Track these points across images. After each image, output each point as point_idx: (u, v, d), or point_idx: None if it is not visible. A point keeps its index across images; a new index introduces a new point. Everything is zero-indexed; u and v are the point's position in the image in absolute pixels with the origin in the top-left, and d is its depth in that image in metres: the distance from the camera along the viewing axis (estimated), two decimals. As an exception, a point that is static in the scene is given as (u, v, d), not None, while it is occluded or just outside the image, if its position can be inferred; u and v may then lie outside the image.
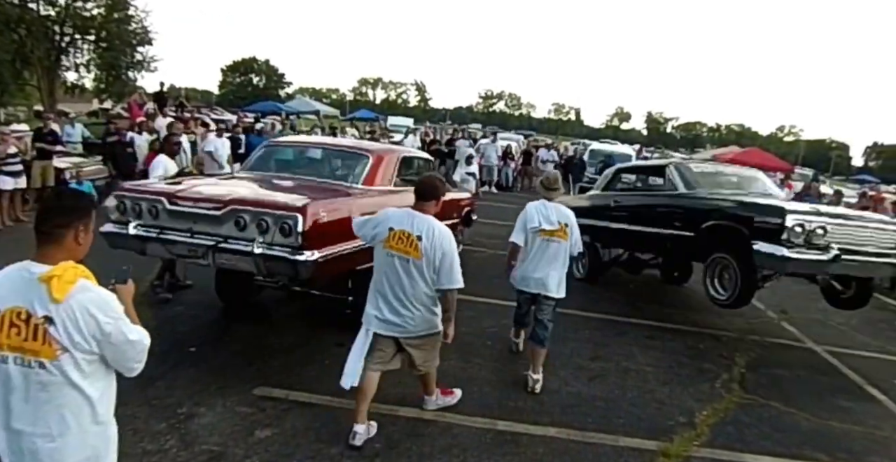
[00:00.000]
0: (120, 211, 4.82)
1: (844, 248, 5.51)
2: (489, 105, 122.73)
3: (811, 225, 5.42)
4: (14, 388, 1.95)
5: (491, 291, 7.40)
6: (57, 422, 1.96)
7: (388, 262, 3.84)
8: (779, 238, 5.41)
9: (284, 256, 4.28)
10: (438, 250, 3.76)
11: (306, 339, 5.39)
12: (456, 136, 20.53)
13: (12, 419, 1.97)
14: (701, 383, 5.41)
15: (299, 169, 6.09)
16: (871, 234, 5.81)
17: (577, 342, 6.09)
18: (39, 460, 1.97)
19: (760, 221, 5.67)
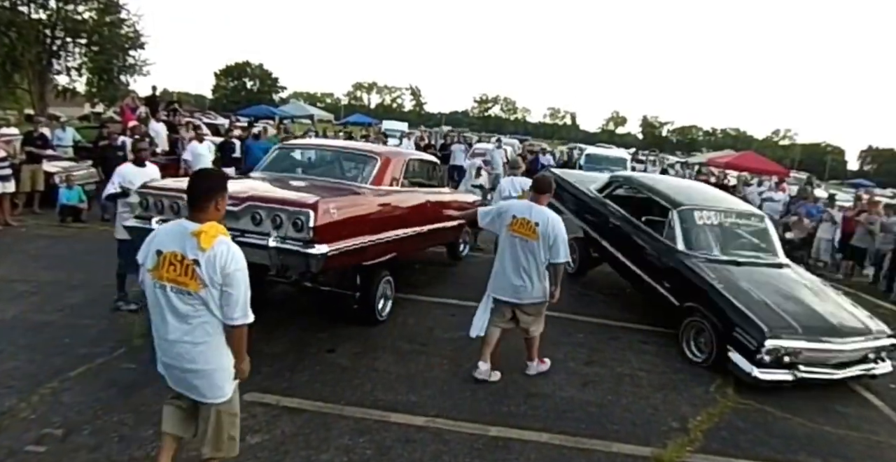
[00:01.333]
0: (143, 207, 5.17)
1: (810, 369, 5.48)
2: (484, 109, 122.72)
3: (787, 350, 5.37)
4: (172, 309, 2.80)
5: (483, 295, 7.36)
6: (199, 334, 2.80)
7: (511, 242, 4.93)
8: (752, 356, 5.37)
9: (297, 250, 4.59)
10: (552, 234, 4.79)
11: (297, 345, 5.33)
12: (450, 140, 20.48)
13: (168, 332, 2.83)
14: (695, 388, 5.36)
15: (311, 170, 6.39)
16: (843, 355, 5.68)
17: (571, 346, 6.04)
18: (187, 360, 2.84)
19: (740, 333, 5.54)
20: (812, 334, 5.57)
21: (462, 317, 6.41)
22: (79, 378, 4.42)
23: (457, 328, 6.04)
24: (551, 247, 4.81)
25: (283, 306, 6.39)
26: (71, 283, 6.53)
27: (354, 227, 5.16)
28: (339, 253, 4.84)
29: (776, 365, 5.39)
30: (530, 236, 4.83)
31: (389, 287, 6.13)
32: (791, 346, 5.40)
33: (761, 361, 5.35)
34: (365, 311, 5.81)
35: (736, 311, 5.70)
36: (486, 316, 5.07)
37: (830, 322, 5.80)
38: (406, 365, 5.13)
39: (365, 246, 5.30)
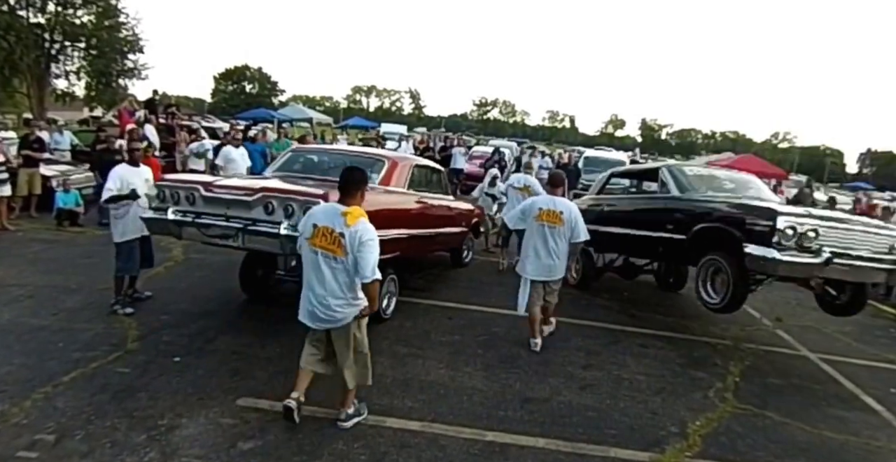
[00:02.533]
0: (160, 198, 5.50)
1: (836, 252, 5.42)
2: (483, 112, 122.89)
3: (803, 227, 5.35)
4: (320, 269, 3.81)
5: (484, 299, 7.34)
6: (338, 288, 3.81)
7: (541, 231, 5.82)
8: (770, 240, 5.33)
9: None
10: (574, 218, 5.78)
11: (292, 349, 5.20)
12: (449, 143, 20.44)
13: (316, 286, 3.83)
14: (694, 392, 5.32)
15: (322, 171, 6.55)
16: (863, 239, 5.72)
17: (569, 350, 6.00)
18: (331, 309, 3.84)
19: (751, 223, 5.60)
20: (826, 218, 5.65)
21: (459, 320, 6.41)
22: (72, 382, 4.37)
23: (453, 331, 6.03)
24: (573, 229, 5.78)
25: (280, 310, 6.33)
26: (67, 286, 6.49)
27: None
28: None
29: (798, 248, 5.33)
30: (557, 223, 5.78)
31: (394, 285, 6.26)
32: (807, 224, 5.37)
33: (780, 244, 5.28)
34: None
35: (742, 206, 5.91)
36: (526, 296, 5.91)
37: (843, 216, 6.02)
38: (402, 369, 5.09)
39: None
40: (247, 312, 6.29)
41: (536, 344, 5.90)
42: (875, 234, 5.84)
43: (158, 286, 6.73)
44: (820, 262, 5.32)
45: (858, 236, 5.71)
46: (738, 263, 5.68)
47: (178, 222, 5.30)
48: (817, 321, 8.74)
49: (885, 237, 5.87)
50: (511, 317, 6.79)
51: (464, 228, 8.69)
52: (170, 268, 7.56)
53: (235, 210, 5.12)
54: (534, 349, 5.85)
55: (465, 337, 5.96)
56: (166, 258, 7.91)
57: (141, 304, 6.13)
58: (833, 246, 5.46)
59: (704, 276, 6.22)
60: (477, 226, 9.27)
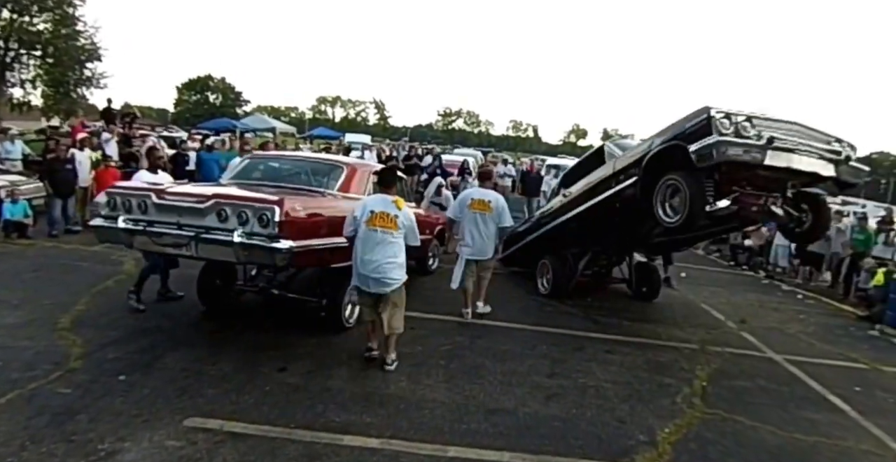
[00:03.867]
0: (110, 206, 5.26)
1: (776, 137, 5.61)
2: (448, 122, 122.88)
3: (737, 118, 5.60)
4: (378, 241, 4.97)
5: (448, 308, 7.16)
6: (391, 254, 5.00)
7: (472, 218, 6.81)
8: (710, 133, 5.56)
9: (262, 244, 4.68)
10: (500, 206, 6.83)
11: (247, 365, 5.03)
12: (413, 152, 20.25)
13: (375, 255, 4.96)
14: (662, 398, 5.22)
15: (280, 178, 6.42)
16: (802, 133, 5.89)
17: (534, 359, 5.85)
18: (382, 272, 4.99)
19: (690, 127, 5.84)
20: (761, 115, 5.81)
21: (421, 330, 6.23)
22: (8, 405, 4.07)
23: (415, 342, 5.84)
24: (500, 215, 6.79)
25: (238, 322, 6.09)
26: (10, 302, 6.13)
27: (320, 227, 5.26)
28: (304, 250, 4.94)
29: (738, 135, 5.54)
30: (487, 210, 6.78)
31: (357, 295, 5.95)
32: (741, 114, 5.63)
33: (721, 132, 5.52)
34: (332, 318, 5.83)
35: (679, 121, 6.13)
36: (461, 273, 6.79)
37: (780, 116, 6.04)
38: (361, 382, 4.87)
39: (331, 247, 5.37)
40: (201, 326, 6.01)
41: (467, 313, 6.86)
42: (813, 131, 6.00)
43: (108, 301, 6.42)
44: (762, 143, 5.52)
45: (796, 130, 5.87)
46: (691, 174, 5.79)
47: (128, 231, 5.10)
48: (780, 322, 8.85)
49: (822, 135, 6.04)
50: (475, 325, 6.66)
51: (428, 236, 8.52)
52: (121, 281, 7.21)
53: (188, 218, 4.93)
54: (465, 318, 6.82)
55: (427, 347, 5.77)
56: (117, 271, 7.58)
57: (93, 319, 5.83)
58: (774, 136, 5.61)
59: (662, 196, 6.22)
60: (442, 233, 9.05)
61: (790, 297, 11.41)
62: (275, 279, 6.31)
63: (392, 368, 5.17)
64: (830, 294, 12.06)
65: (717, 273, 13.34)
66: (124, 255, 7.94)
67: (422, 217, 8.23)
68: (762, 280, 13.09)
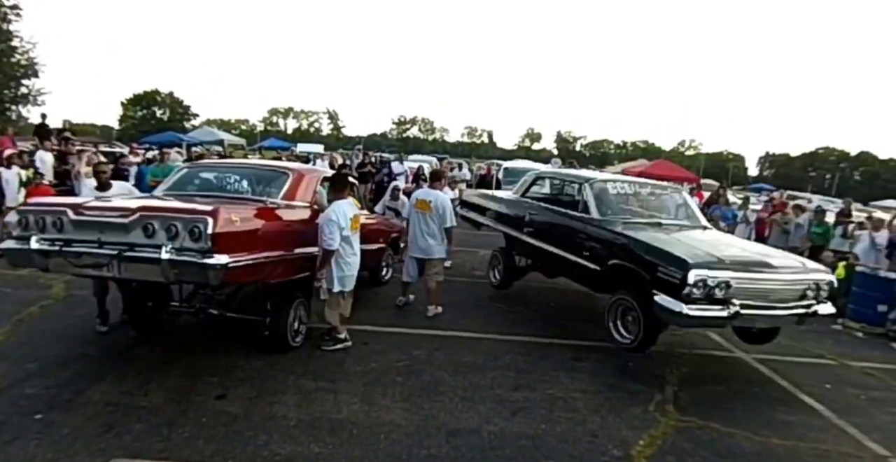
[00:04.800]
0: (22, 226, 4.71)
1: (746, 303, 5.30)
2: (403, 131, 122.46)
3: (714, 281, 5.20)
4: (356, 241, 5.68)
5: (404, 320, 6.78)
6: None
7: (417, 217, 7.00)
8: (679, 293, 5.18)
9: (193, 261, 4.20)
10: (441, 206, 6.91)
11: (180, 394, 4.52)
12: (367, 160, 19.84)
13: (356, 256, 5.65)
14: (633, 407, 4.91)
15: (219, 188, 5.96)
16: (778, 286, 5.56)
17: (497, 370, 5.48)
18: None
19: (663, 272, 5.42)
20: (740, 266, 5.42)
21: (377, 344, 5.83)
22: None
23: (369, 358, 5.43)
24: (441, 215, 6.87)
25: (172, 348, 5.55)
26: None
27: (261, 239, 4.77)
28: (242, 265, 4.46)
29: (708, 300, 5.18)
30: (427, 210, 6.91)
31: (304, 309, 5.65)
32: (718, 277, 5.20)
33: (690, 297, 5.13)
34: (276, 338, 5.37)
35: (656, 251, 5.62)
36: (410, 269, 7.18)
37: (760, 258, 5.75)
38: (310, 407, 4.41)
39: (273, 260, 4.93)
40: (132, 353, 5.44)
41: (401, 301, 7.37)
42: (791, 279, 5.66)
43: (30, 329, 5.81)
44: (727, 315, 5.22)
45: (772, 285, 5.53)
46: (649, 307, 5.53)
47: (42, 252, 4.55)
48: (745, 320, 8.69)
49: (800, 282, 5.69)
50: (434, 337, 6.28)
51: (382, 245, 8.12)
52: (47, 306, 6.60)
53: (110, 234, 4.43)
54: (399, 303, 7.32)
55: (382, 364, 5.35)
56: (44, 296, 6.94)
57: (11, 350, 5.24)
58: (744, 296, 5.32)
59: (615, 313, 6.09)
60: (396, 241, 8.69)
61: (750, 293, 11.33)
62: (213, 298, 5.78)
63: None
64: None
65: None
66: (54, 277, 7.29)
67: (374, 225, 7.88)
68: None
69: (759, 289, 5.42)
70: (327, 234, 5.22)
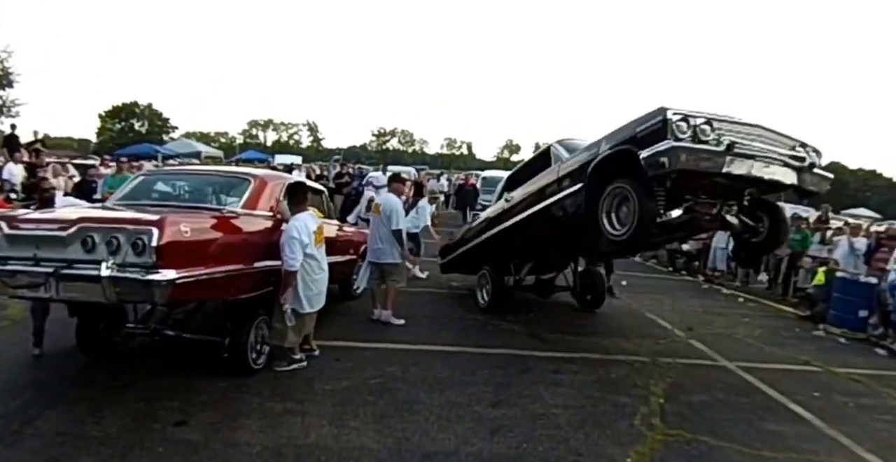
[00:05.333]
0: None
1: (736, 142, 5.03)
2: (382, 142, 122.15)
3: (696, 120, 4.97)
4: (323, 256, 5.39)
5: (377, 334, 6.52)
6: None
7: (372, 221, 7.14)
8: (664, 138, 4.92)
9: (136, 278, 3.81)
10: (388, 209, 6.90)
11: (137, 421, 4.18)
12: (345, 170, 19.63)
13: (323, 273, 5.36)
14: (618, 421, 4.68)
15: (175, 197, 5.60)
16: (762, 134, 5.35)
17: (475, 386, 5.22)
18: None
19: (642, 130, 5.17)
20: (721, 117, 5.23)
21: (348, 361, 5.55)
22: None
23: (340, 376, 5.14)
24: (389, 218, 6.83)
25: (126, 371, 5.19)
26: None
27: (215, 252, 4.44)
28: (193, 281, 4.09)
29: (696, 140, 4.93)
30: (377, 214, 7.00)
31: (266, 328, 5.24)
32: (698, 115, 4.99)
33: (677, 137, 4.88)
34: (235, 359, 4.97)
35: (631, 123, 5.44)
36: (367, 274, 7.22)
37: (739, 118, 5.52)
38: (275, 432, 4.09)
39: (230, 275, 4.55)
40: (85, 376, 5.08)
41: (376, 314, 7.07)
42: (774, 132, 5.47)
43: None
44: (721, 149, 4.90)
45: (757, 132, 5.33)
46: (641, 182, 5.19)
47: None
48: (727, 327, 8.61)
49: (785, 138, 5.52)
50: (408, 351, 6.02)
51: (352, 256, 7.82)
52: (2, 328, 6.24)
53: (47, 249, 4.04)
54: (371, 317, 7.04)
55: (354, 382, 5.06)
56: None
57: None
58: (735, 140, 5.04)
59: (608, 207, 5.61)
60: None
61: (731, 300, 11.31)
62: (169, 317, 5.37)
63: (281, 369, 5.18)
64: (769, 296, 12.13)
65: (656, 279, 13.19)
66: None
67: (344, 236, 7.60)
68: (702, 285, 13.03)
69: (746, 136, 5.20)
70: (288, 253, 4.88)
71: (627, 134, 5.45)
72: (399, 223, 6.88)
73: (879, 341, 8.55)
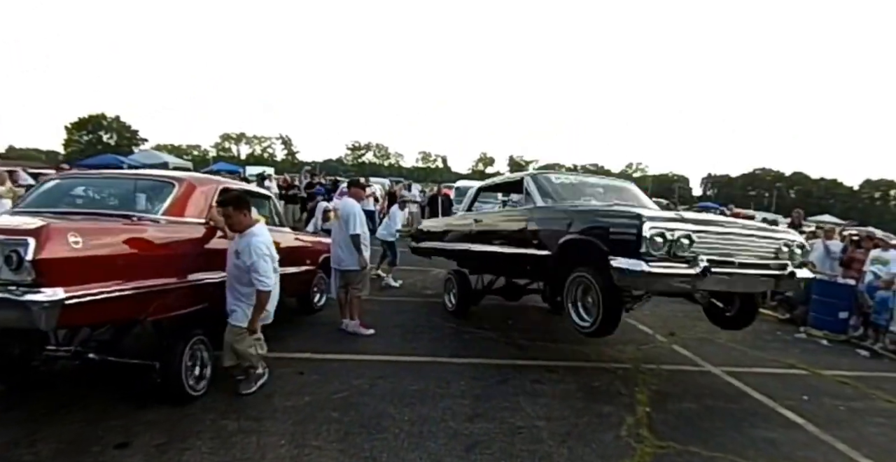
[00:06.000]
0: None
1: (715, 260, 4.69)
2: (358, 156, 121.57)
3: (674, 234, 4.56)
4: None
5: (345, 346, 6.13)
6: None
7: (333, 227, 6.88)
8: (637, 251, 4.51)
9: (9, 298, 3.16)
10: (345, 214, 6.58)
11: (75, 443, 3.70)
12: (315, 180, 19.22)
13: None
14: (604, 433, 4.35)
15: (88, 203, 4.84)
16: (745, 244, 5.02)
17: (450, 399, 4.83)
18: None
19: (616, 232, 4.79)
20: (701, 221, 4.92)
21: (312, 374, 5.15)
22: None
23: (303, 390, 4.73)
24: (347, 223, 6.54)
25: (68, 385, 4.73)
26: None
27: (124, 265, 3.80)
28: (91, 301, 3.47)
29: (672, 258, 4.54)
30: (336, 219, 6.76)
31: (204, 351, 4.63)
32: (677, 229, 4.58)
33: (650, 254, 4.47)
34: (169, 386, 4.33)
35: (605, 214, 5.15)
36: (334, 285, 6.93)
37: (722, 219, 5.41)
38: (228, 454, 3.67)
39: (148, 291, 3.93)
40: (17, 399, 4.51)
41: (346, 324, 6.69)
42: (758, 237, 5.15)
43: None
44: (696, 272, 4.54)
45: (739, 241, 4.99)
46: (607, 280, 4.83)
47: None
48: (709, 331, 8.30)
49: (769, 241, 5.19)
50: (377, 363, 5.64)
51: (310, 267, 7.28)
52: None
53: None
54: (343, 328, 6.65)
55: (317, 396, 4.64)
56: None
57: None
58: (711, 253, 4.71)
59: (573, 296, 5.34)
60: (328, 263, 7.57)
61: (710, 304, 11.09)
62: (91, 339, 4.54)
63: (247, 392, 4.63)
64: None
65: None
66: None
67: (302, 245, 7.15)
68: (679, 290, 12.82)
69: (727, 245, 4.86)
70: (261, 272, 4.41)
71: (601, 224, 5.10)
72: (357, 228, 6.52)
73: (860, 343, 8.46)
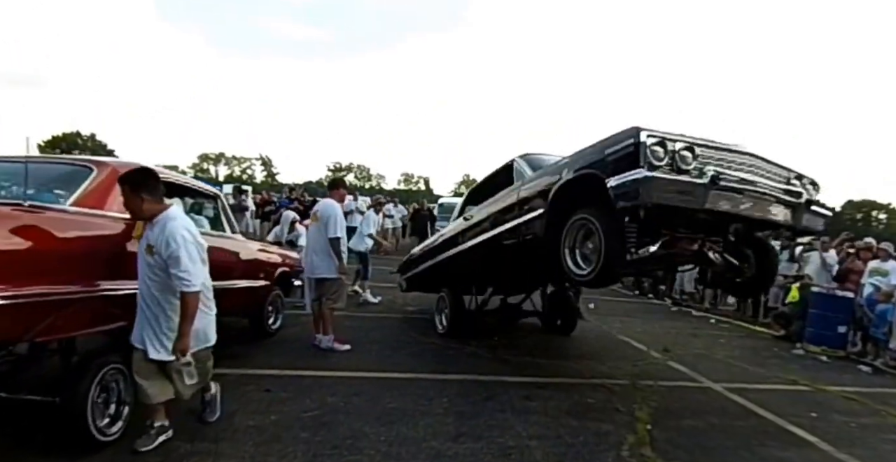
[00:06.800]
0: None
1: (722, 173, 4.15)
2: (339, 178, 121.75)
3: (675, 145, 4.11)
4: None
5: (318, 361, 5.67)
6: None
7: (310, 230, 6.47)
8: (637, 164, 4.04)
9: None
10: (325, 215, 6.13)
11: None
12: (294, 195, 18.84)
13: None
14: (603, 453, 3.91)
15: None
16: (753, 164, 4.55)
17: (432, 417, 4.37)
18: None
19: (612, 153, 4.29)
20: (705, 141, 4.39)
21: (281, 391, 4.67)
22: None
23: (270, 409, 4.24)
24: (326, 225, 6.05)
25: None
26: None
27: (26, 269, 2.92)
28: None
29: (674, 171, 4.06)
30: (316, 221, 6.25)
31: (122, 380, 3.58)
32: (678, 138, 4.13)
33: (651, 166, 3.97)
34: (71, 427, 3.28)
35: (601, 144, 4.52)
36: (308, 296, 6.55)
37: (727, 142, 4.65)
38: (178, 481, 3.21)
39: (37, 303, 2.96)
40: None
41: (320, 340, 6.16)
42: (766, 161, 4.68)
43: None
44: (704, 181, 4.03)
45: (747, 161, 4.53)
46: (608, 213, 4.36)
47: None
48: (704, 348, 8.08)
49: (779, 167, 4.76)
50: (353, 379, 5.17)
51: (263, 282, 6.31)
52: None
53: None
54: (316, 344, 6.14)
55: (285, 415, 4.13)
56: None
57: None
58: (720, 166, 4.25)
59: (572, 242, 4.80)
60: (287, 277, 7.03)
61: (703, 322, 10.89)
62: None
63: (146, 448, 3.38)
64: (740, 317, 11.85)
65: (623, 302, 12.66)
66: None
67: (253, 255, 6.21)
68: (671, 307, 12.60)
69: (732, 162, 4.40)
70: (187, 265, 3.29)
71: (595, 156, 4.60)
72: (337, 231, 6.06)
73: (860, 359, 8.17)
